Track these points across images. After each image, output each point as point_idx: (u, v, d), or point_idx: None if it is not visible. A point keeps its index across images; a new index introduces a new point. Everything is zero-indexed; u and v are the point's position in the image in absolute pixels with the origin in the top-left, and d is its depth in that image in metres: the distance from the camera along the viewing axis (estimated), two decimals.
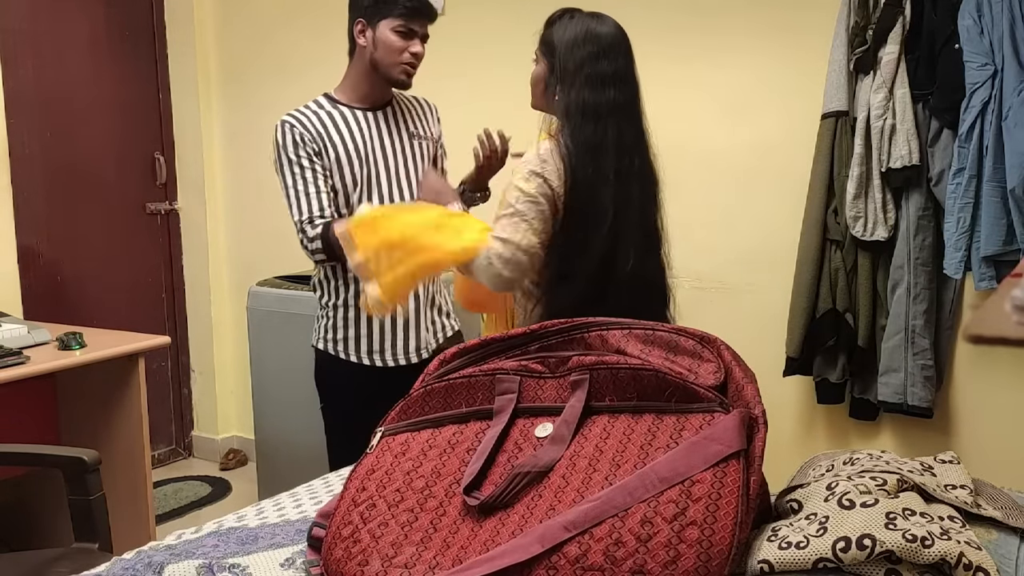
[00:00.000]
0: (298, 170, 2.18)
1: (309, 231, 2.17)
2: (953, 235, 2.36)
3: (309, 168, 2.18)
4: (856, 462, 1.33)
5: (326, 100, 2.27)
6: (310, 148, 2.18)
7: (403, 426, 1.34)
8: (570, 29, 1.92)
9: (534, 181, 1.86)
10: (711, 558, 1.04)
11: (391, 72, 2.20)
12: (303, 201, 2.18)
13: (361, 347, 2.29)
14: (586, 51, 1.90)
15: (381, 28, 2.17)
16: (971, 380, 2.54)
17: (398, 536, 1.19)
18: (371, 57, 2.20)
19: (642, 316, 1.38)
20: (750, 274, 2.71)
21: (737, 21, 2.76)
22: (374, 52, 2.19)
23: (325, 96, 2.28)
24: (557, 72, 1.91)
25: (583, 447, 1.20)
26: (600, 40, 1.91)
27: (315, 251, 2.18)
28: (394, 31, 2.16)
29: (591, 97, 1.88)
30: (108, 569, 1.31)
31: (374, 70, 2.22)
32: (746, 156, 2.77)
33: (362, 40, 2.20)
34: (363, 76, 2.25)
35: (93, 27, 3.63)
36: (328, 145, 2.20)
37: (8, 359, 2.35)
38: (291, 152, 2.18)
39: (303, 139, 2.18)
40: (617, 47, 1.92)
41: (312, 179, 2.18)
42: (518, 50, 2.24)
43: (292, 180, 2.19)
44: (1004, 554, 1.15)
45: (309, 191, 2.18)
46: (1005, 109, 2.24)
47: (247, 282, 3.30)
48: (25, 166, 3.36)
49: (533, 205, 1.85)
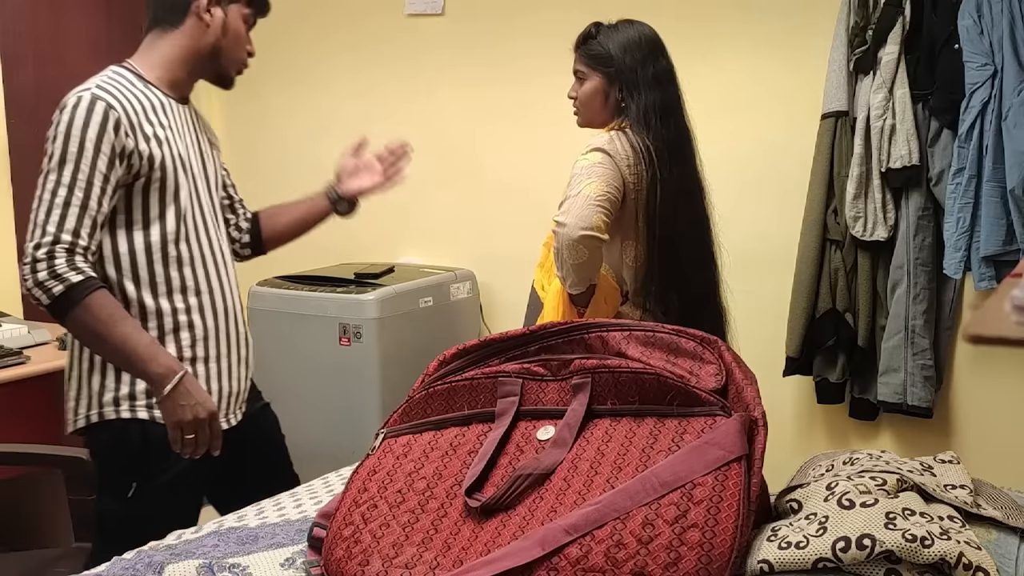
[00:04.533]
0: (88, 170, 1.59)
1: (61, 266, 1.56)
2: (953, 235, 2.36)
3: (103, 174, 1.60)
4: (856, 462, 1.33)
5: (134, 76, 1.73)
6: (122, 146, 1.63)
7: (405, 428, 1.34)
8: (618, 36, 1.97)
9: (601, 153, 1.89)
10: (712, 560, 1.04)
11: (230, 67, 1.82)
12: (72, 215, 1.58)
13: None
14: (644, 52, 1.95)
15: (233, 12, 1.78)
16: (971, 380, 2.54)
17: (399, 537, 1.19)
18: (214, 42, 1.76)
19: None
20: (750, 274, 2.71)
21: (737, 21, 2.76)
22: (221, 38, 1.76)
23: (128, 71, 1.74)
24: (620, 78, 1.94)
25: (585, 450, 1.20)
26: (652, 40, 1.98)
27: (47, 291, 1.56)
28: (245, 19, 1.81)
29: (662, 95, 1.93)
30: (108, 569, 1.31)
31: (210, 59, 1.78)
32: (746, 156, 2.77)
33: (207, 17, 1.74)
34: (186, 59, 1.76)
35: (93, 27, 3.63)
36: (152, 141, 1.67)
37: (8, 359, 2.35)
38: (90, 143, 1.59)
39: (118, 131, 1.62)
40: (663, 45, 1.98)
41: (100, 191, 1.60)
42: None
43: (72, 179, 1.58)
44: (1004, 554, 1.15)
45: (89, 204, 1.59)
46: (1005, 109, 2.24)
47: (247, 282, 3.29)
48: (25, 166, 3.35)
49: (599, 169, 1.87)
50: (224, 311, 1.81)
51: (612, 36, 1.97)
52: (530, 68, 3.07)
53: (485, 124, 3.24)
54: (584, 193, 1.84)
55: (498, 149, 3.19)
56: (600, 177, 1.86)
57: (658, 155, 1.90)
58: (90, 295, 1.56)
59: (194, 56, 1.77)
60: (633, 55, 1.94)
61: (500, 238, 3.16)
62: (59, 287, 1.55)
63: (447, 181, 3.26)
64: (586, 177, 1.86)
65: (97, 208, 1.61)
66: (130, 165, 1.64)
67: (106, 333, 1.58)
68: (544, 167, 2.34)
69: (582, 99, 2.01)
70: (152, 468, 1.70)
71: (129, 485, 1.71)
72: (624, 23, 2.00)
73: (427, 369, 1.43)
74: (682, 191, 1.95)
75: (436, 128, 3.29)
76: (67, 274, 1.56)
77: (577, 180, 1.88)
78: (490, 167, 3.20)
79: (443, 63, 3.22)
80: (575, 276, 1.87)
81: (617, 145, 1.90)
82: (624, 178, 1.89)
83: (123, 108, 1.64)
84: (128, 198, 1.67)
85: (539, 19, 3.04)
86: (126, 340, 1.59)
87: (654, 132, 1.91)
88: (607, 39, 1.97)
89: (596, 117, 2.02)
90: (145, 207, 1.69)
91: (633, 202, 1.92)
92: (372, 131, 2.17)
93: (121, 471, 1.73)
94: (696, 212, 2.01)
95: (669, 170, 1.91)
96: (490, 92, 3.20)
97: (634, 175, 1.90)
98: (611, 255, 1.96)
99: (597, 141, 1.92)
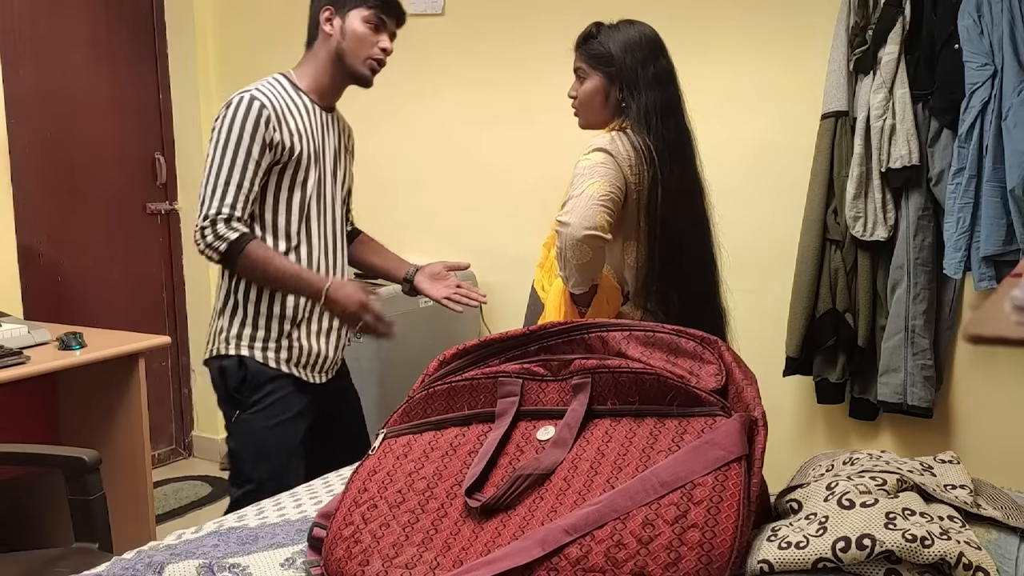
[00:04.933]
0: (243, 156, 1.96)
1: (222, 228, 1.97)
2: (953, 235, 2.36)
3: (255, 160, 1.98)
4: (856, 462, 1.33)
5: (288, 84, 2.09)
6: (270, 135, 1.99)
7: (405, 428, 1.34)
8: (619, 36, 1.97)
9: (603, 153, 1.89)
10: (712, 560, 1.04)
11: (358, 66, 2.07)
12: (231, 193, 1.97)
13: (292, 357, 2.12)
14: (645, 51, 1.95)
15: (351, 18, 2.05)
16: (971, 380, 2.54)
17: (399, 537, 1.19)
18: (338, 47, 2.06)
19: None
20: (750, 274, 2.71)
21: (737, 21, 2.76)
22: (342, 42, 2.06)
23: (285, 78, 2.11)
24: (621, 77, 1.94)
25: (585, 450, 1.20)
26: (652, 40, 1.99)
27: (213, 247, 1.98)
28: (365, 22, 2.05)
29: (663, 94, 1.93)
30: (108, 569, 1.31)
31: (338, 62, 2.07)
32: (746, 156, 2.77)
33: (328, 28, 2.06)
34: (325, 68, 2.10)
35: (93, 27, 3.63)
36: (293, 136, 2.03)
37: (8, 359, 2.34)
38: (247, 133, 1.96)
39: (267, 123, 1.98)
40: (663, 45, 1.98)
41: (252, 174, 1.98)
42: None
43: (230, 163, 1.96)
44: (1004, 554, 1.15)
45: (243, 185, 1.98)
46: (1005, 109, 2.24)
47: None
48: (25, 166, 3.36)
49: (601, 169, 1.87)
50: None
51: (613, 36, 1.98)
52: (530, 68, 3.07)
53: (485, 124, 3.24)
54: (588, 193, 1.84)
55: (498, 149, 3.19)
56: (603, 177, 1.86)
57: (659, 155, 1.90)
58: (247, 246, 1.98)
59: (328, 63, 2.09)
60: (634, 55, 1.95)
61: (501, 238, 3.16)
62: (223, 245, 1.98)
63: (447, 181, 3.26)
64: (588, 177, 1.86)
65: (249, 187, 1.99)
66: (275, 153, 2.01)
67: (265, 269, 2.01)
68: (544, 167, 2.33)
69: (582, 98, 2.01)
70: (249, 398, 2.10)
71: (234, 413, 2.13)
72: (625, 23, 2.00)
73: (427, 369, 1.43)
74: (682, 190, 1.95)
75: (436, 128, 3.30)
76: (226, 234, 1.97)
77: (580, 180, 1.88)
78: (490, 167, 3.20)
79: (443, 63, 3.22)
80: (578, 276, 1.87)
81: (619, 145, 1.90)
82: (626, 178, 1.89)
83: (272, 106, 2.00)
84: (267, 181, 2.04)
85: (540, 19, 3.05)
86: (282, 272, 2.03)
87: (654, 132, 1.91)
88: (608, 39, 1.98)
89: (596, 117, 2.02)
90: (277, 190, 2.05)
91: (635, 202, 1.92)
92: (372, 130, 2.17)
93: (227, 402, 2.14)
94: (696, 212, 2.01)
95: (670, 169, 1.91)
96: (490, 92, 3.20)
97: (635, 175, 1.90)
98: (612, 255, 1.96)
99: (599, 141, 1.92)
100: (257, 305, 2.09)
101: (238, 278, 2.09)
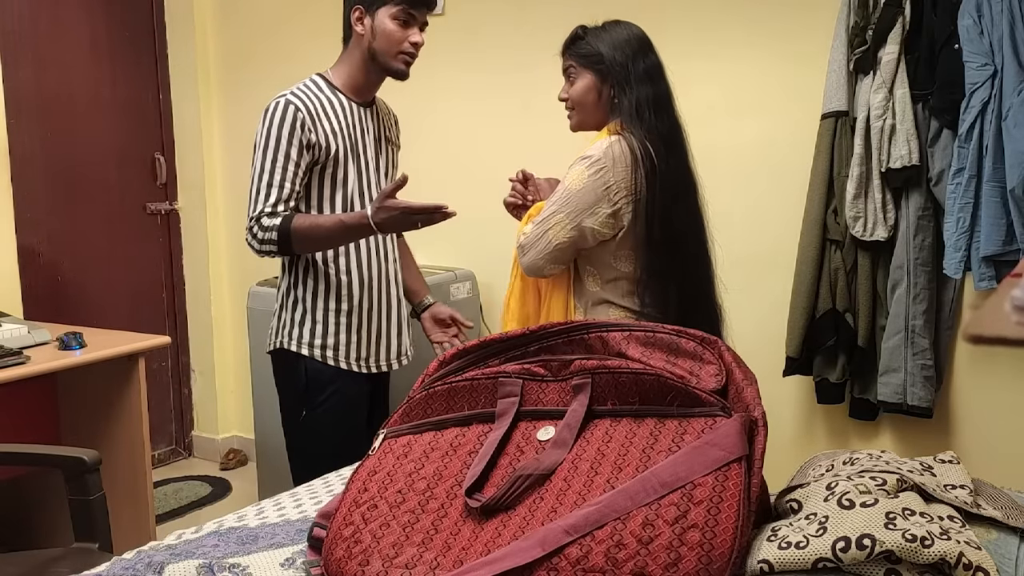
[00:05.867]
0: (281, 158, 2.07)
1: (266, 221, 2.07)
2: (953, 235, 2.35)
3: (294, 161, 2.08)
4: (856, 462, 1.33)
5: (324, 83, 2.18)
6: (306, 137, 2.08)
7: (405, 428, 1.34)
8: (607, 35, 1.99)
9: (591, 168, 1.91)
10: (712, 561, 1.04)
11: (390, 62, 2.13)
12: (272, 192, 2.08)
13: (351, 353, 2.23)
14: (634, 47, 1.96)
15: (380, 16, 2.09)
16: (971, 380, 2.54)
17: (399, 537, 1.19)
18: (369, 46, 2.12)
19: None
20: (750, 274, 2.71)
21: (737, 21, 2.76)
22: (373, 41, 2.12)
23: (322, 78, 2.19)
24: (612, 75, 1.95)
25: (585, 451, 1.20)
26: (639, 37, 2.01)
27: (264, 240, 2.08)
28: (393, 19, 2.09)
29: (654, 89, 1.95)
30: (108, 569, 1.31)
31: (372, 60, 2.14)
32: (746, 156, 2.77)
33: (359, 28, 2.12)
34: (359, 66, 2.16)
35: (93, 27, 3.63)
36: (328, 135, 2.11)
37: (8, 359, 2.34)
38: (284, 137, 2.07)
39: (303, 126, 2.08)
40: (651, 42, 2.00)
41: (292, 172, 2.08)
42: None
43: (272, 165, 2.07)
44: (1004, 554, 1.15)
45: (284, 184, 2.08)
46: (1005, 109, 2.23)
47: (247, 282, 3.30)
48: (25, 166, 3.36)
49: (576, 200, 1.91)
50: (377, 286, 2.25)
51: (600, 35, 1.99)
52: (530, 68, 3.07)
53: (485, 123, 3.24)
54: (548, 237, 1.93)
55: (498, 148, 3.19)
56: (574, 212, 1.90)
57: (654, 148, 1.90)
58: (291, 222, 2.06)
59: (362, 61, 2.15)
60: (623, 51, 1.95)
61: (500, 238, 3.16)
62: (272, 234, 2.07)
63: (446, 180, 3.25)
64: (561, 206, 1.92)
65: (291, 187, 2.09)
66: (312, 153, 2.10)
67: (315, 234, 2.08)
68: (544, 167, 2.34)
69: (575, 98, 2.02)
70: (315, 398, 2.20)
71: (301, 412, 2.22)
72: (610, 23, 2.01)
73: (427, 369, 1.43)
74: (678, 184, 1.96)
75: (436, 128, 3.29)
76: (271, 223, 2.07)
77: (555, 202, 1.93)
78: (490, 166, 3.20)
79: (443, 63, 3.22)
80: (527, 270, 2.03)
81: (613, 151, 1.90)
82: (618, 185, 1.90)
83: (306, 108, 2.09)
84: (309, 181, 2.13)
85: (540, 19, 3.05)
86: (327, 228, 2.08)
87: (648, 125, 1.91)
88: (595, 38, 1.98)
89: (590, 117, 2.02)
90: (320, 188, 2.14)
91: (629, 203, 1.91)
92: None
93: (294, 399, 2.24)
94: (691, 206, 2.01)
95: (666, 162, 1.92)
96: (490, 92, 3.20)
97: (632, 179, 1.90)
98: (601, 257, 1.97)
99: (593, 149, 1.92)
100: (314, 301, 2.19)
101: (296, 275, 2.20)
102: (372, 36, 2.12)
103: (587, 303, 2.01)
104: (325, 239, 2.10)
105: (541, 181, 2.18)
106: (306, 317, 2.20)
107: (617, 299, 1.98)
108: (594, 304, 2.00)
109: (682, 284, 1.97)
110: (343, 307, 2.19)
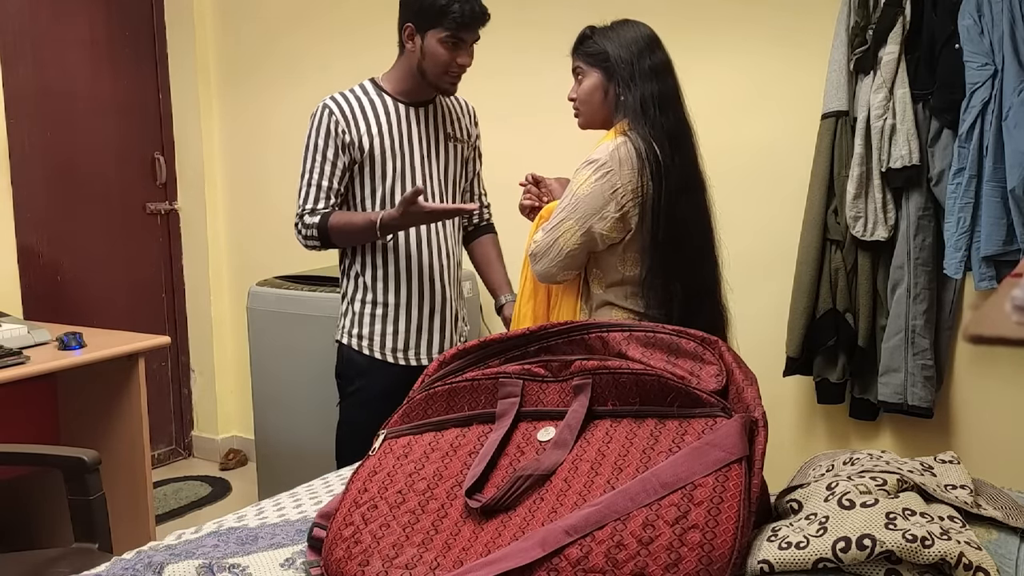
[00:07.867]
0: (319, 159, 2.19)
1: (307, 219, 2.20)
2: (953, 235, 2.35)
3: (331, 161, 2.19)
4: (856, 462, 1.33)
5: (372, 87, 2.26)
6: (342, 140, 2.18)
7: (405, 429, 1.34)
8: (614, 34, 2.00)
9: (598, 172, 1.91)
10: (712, 561, 1.04)
11: (437, 82, 2.20)
12: (312, 191, 2.20)
13: (387, 344, 2.29)
14: (640, 45, 1.97)
15: (429, 38, 2.14)
16: (971, 380, 2.54)
17: (399, 537, 1.19)
18: (419, 64, 2.18)
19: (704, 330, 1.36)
20: (750, 274, 2.71)
21: (737, 21, 2.76)
22: (422, 60, 2.17)
23: (372, 82, 2.28)
24: (618, 73, 1.96)
25: (585, 451, 1.20)
26: (647, 36, 2.00)
27: (308, 236, 2.22)
28: (441, 42, 2.13)
29: (660, 86, 1.95)
30: (108, 569, 1.31)
31: (419, 75, 2.20)
32: (746, 156, 2.76)
33: (410, 45, 2.18)
34: (408, 74, 2.23)
35: (93, 27, 3.63)
36: (364, 135, 2.19)
37: (8, 359, 2.34)
38: (320, 139, 2.19)
39: (336, 129, 2.18)
40: (659, 41, 2.00)
41: (330, 173, 2.20)
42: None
43: (311, 166, 2.20)
44: (1004, 554, 1.15)
45: (322, 184, 2.20)
46: (1005, 109, 2.23)
47: (247, 282, 3.30)
48: (25, 166, 3.36)
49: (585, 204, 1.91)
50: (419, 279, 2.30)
51: (608, 35, 1.99)
52: (532, 67, 3.07)
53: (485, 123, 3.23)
54: (559, 244, 1.93)
55: (498, 148, 3.18)
56: (582, 217, 1.90)
57: (659, 146, 1.90)
58: (327, 221, 2.19)
59: (411, 73, 2.22)
60: (629, 49, 1.96)
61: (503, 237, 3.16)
62: (314, 231, 2.21)
63: None
64: (569, 212, 1.92)
65: (328, 184, 2.21)
66: (350, 152, 2.20)
67: (348, 231, 2.20)
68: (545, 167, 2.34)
69: (581, 97, 2.02)
70: (348, 383, 2.33)
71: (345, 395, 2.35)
72: (619, 23, 2.01)
73: (427, 370, 1.43)
74: (685, 182, 1.95)
75: None
76: (312, 221, 2.20)
77: (563, 208, 1.93)
78: (490, 166, 3.20)
79: None
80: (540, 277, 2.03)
81: (619, 153, 1.89)
82: (625, 187, 1.89)
83: (340, 110, 2.20)
84: (352, 178, 2.24)
85: (541, 18, 3.04)
86: (353, 225, 2.19)
87: (653, 122, 1.91)
88: (603, 38, 1.99)
89: (596, 115, 2.02)
90: (361, 185, 2.24)
91: (637, 204, 1.91)
92: None
93: (339, 383, 2.36)
94: (698, 204, 2.01)
95: (672, 159, 1.91)
96: (491, 91, 3.20)
97: (638, 179, 1.90)
98: (608, 259, 1.97)
99: (599, 152, 1.92)
100: (355, 292, 2.30)
101: (346, 266, 2.32)
102: (421, 55, 2.17)
103: (591, 305, 2.01)
104: (358, 234, 2.21)
105: (551, 181, 2.18)
106: (349, 308, 2.32)
107: (620, 301, 1.98)
108: (597, 306, 2.00)
109: (687, 283, 1.96)
110: (379, 299, 2.27)
